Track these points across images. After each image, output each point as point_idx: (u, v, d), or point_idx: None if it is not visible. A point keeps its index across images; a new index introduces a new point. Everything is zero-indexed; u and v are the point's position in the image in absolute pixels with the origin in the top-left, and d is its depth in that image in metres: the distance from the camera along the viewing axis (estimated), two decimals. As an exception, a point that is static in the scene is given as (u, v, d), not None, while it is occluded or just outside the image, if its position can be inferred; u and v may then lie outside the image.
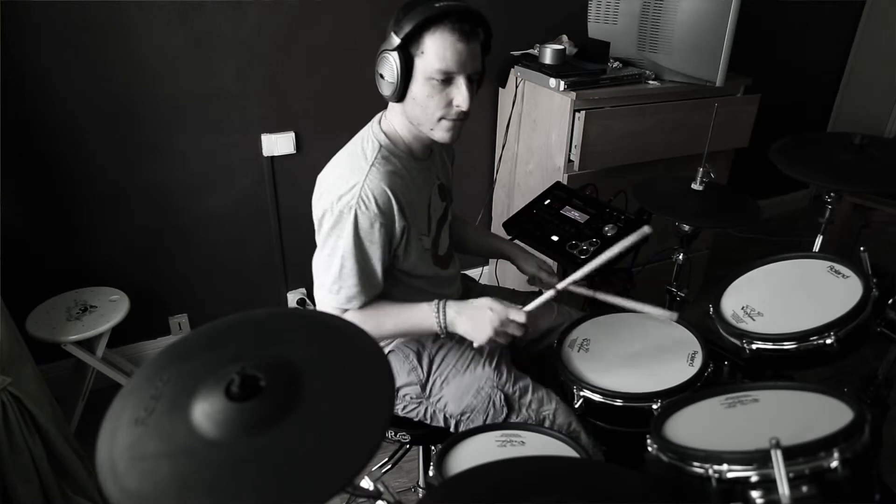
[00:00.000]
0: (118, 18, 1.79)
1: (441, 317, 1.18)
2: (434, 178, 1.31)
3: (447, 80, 1.11)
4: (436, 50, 1.08)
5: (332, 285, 1.17)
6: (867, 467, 0.78)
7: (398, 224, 1.17)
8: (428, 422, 1.32)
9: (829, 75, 3.34)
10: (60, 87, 1.81)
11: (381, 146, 1.19)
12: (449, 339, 1.31)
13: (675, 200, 1.57)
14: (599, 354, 1.28)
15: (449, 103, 1.13)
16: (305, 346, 0.74)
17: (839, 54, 3.29)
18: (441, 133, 1.17)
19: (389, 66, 1.11)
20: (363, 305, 1.19)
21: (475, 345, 1.19)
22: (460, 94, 1.12)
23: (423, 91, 1.12)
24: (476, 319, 1.16)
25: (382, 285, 1.21)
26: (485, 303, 1.17)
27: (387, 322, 1.21)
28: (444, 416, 1.29)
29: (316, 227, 1.20)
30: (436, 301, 1.20)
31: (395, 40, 1.09)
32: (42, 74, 1.78)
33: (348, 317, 1.20)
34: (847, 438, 0.75)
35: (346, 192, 1.12)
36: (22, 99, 1.78)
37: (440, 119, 1.15)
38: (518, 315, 1.15)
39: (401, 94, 1.13)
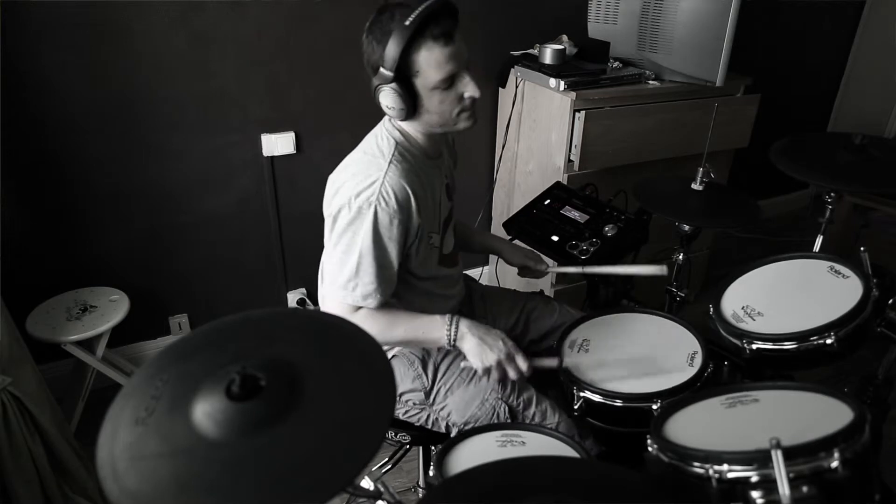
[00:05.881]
0: (118, 18, 1.79)
1: (453, 330, 1.18)
2: (443, 177, 1.31)
3: (452, 83, 1.12)
4: (430, 64, 1.08)
5: (348, 283, 1.15)
6: (867, 467, 0.78)
7: (415, 222, 1.16)
8: (429, 428, 1.32)
9: (829, 75, 3.34)
10: (60, 87, 1.81)
11: (397, 143, 1.18)
12: (454, 350, 1.31)
13: (675, 200, 1.57)
14: (599, 355, 1.28)
15: (460, 97, 1.14)
16: (305, 346, 0.74)
17: (839, 54, 3.29)
18: (464, 123, 1.18)
19: (392, 97, 1.10)
20: (379, 304, 1.18)
21: (466, 363, 1.19)
22: (469, 87, 1.13)
23: (434, 101, 1.12)
24: (486, 343, 1.17)
25: (396, 283, 1.20)
26: (500, 333, 1.19)
27: (397, 328, 1.20)
28: (447, 424, 1.29)
29: (328, 225, 1.18)
30: (449, 315, 1.20)
31: (387, 73, 1.07)
32: (42, 74, 1.78)
33: (359, 316, 1.19)
34: (847, 438, 0.75)
35: (366, 188, 1.12)
36: (22, 99, 1.78)
37: (459, 113, 1.16)
38: (523, 362, 1.17)
39: (411, 113, 1.13)
